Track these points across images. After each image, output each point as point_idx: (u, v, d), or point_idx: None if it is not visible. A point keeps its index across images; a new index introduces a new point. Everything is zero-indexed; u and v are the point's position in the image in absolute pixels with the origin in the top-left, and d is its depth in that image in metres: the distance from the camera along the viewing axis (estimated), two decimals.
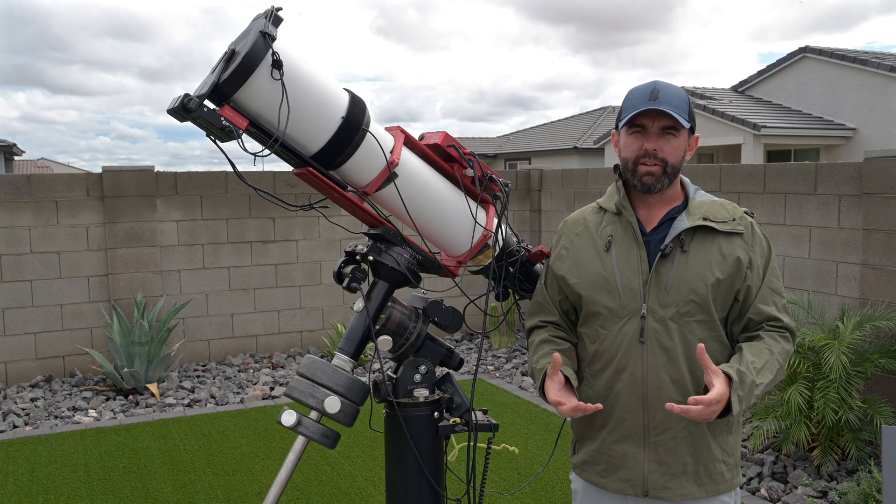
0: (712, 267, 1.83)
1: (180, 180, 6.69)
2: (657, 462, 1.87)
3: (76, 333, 6.40)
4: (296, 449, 1.88)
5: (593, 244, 1.95)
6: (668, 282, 1.84)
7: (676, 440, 1.86)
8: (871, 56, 17.50)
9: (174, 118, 1.66)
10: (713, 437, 1.88)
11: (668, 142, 1.84)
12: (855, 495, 3.64)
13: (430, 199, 1.98)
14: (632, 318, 1.86)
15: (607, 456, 1.93)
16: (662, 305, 1.84)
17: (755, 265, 1.87)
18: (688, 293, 1.83)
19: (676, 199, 1.93)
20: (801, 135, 16.87)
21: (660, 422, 1.86)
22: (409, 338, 2.02)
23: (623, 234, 1.91)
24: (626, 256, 1.89)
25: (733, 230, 1.86)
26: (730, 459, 1.92)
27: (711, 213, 1.88)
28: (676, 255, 1.85)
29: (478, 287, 2.09)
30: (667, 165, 1.84)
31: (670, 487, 1.87)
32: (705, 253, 1.85)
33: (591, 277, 1.92)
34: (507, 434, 4.94)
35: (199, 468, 4.46)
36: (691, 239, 1.86)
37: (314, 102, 1.75)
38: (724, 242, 1.86)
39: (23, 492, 4.15)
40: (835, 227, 4.90)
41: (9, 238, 6.11)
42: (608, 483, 1.93)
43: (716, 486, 1.89)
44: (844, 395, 3.99)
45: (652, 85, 1.84)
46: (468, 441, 2.05)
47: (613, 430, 1.91)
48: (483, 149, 27.95)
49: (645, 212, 1.93)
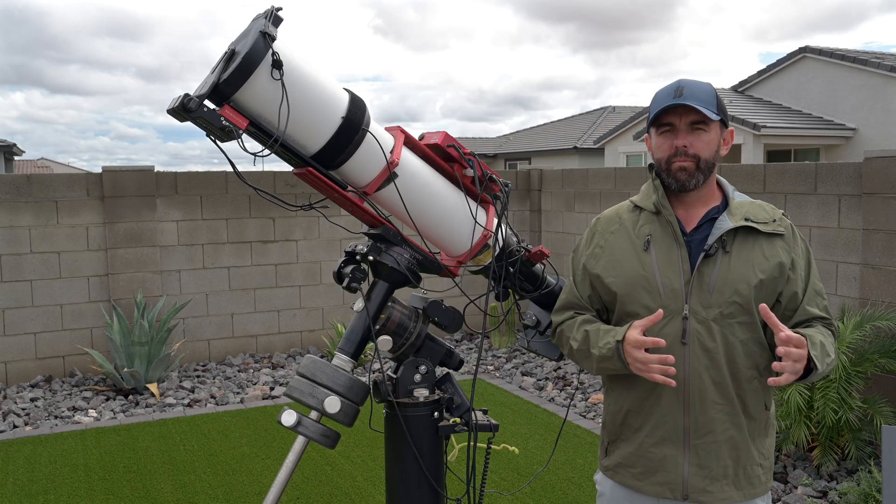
0: (755, 268, 1.82)
1: (180, 180, 6.69)
2: (698, 465, 1.85)
3: (76, 333, 6.40)
4: (296, 449, 1.88)
5: (631, 243, 1.92)
6: (711, 283, 1.82)
7: (718, 443, 1.84)
8: (871, 56, 17.49)
9: (174, 118, 1.66)
10: (752, 439, 1.87)
11: (699, 137, 1.82)
12: (855, 495, 3.64)
13: (430, 199, 1.98)
14: (673, 319, 1.84)
15: (645, 458, 1.90)
16: (705, 306, 1.82)
17: (798, 267, 1.85)
18: (731, 294, 1.81)
19: (715, 200, 1.91)
20: (801, 135, 16.87)
21: (701, 424, 1.84)
22: (409, 338, 2.02)
23: (662, 233, 1.89)
24: (667, 256, 1.86)
25: (775, 231, 1.85)
26: (766, 462, 1.91)
27: (752, 214, 1.86)
28: (719, 255, 1.83)
29: (478, 287, 2.09)
30: (699, 161, 1.82)
31: (711, 491, 1.85)
32: (748, 254, 1.83)
33: (629, 276, 1.89)
34: (507, 434, 4.93)
35: (199, 468, 4.46)
36: (733, 240, 1.84)
37: (314, 102, 1.75)
38: (766, 244, 1.84)
39: (23, 492, 4.15)
40: (835, 227, 4.90)
41: (9, 238, 6.11)
42: (645, 486, 1.90)
43: (753, 489, 1.88)
44: (844, 395, 3.99)
45: (677, 84, 1.84)
46: (468, 441, 2.05)
47: (653, 433, 1.88)
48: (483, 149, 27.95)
49: (683, 212, 1.91)
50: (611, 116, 26.35)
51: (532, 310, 2.25)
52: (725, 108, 1.87)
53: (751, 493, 1.88)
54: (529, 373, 6.55)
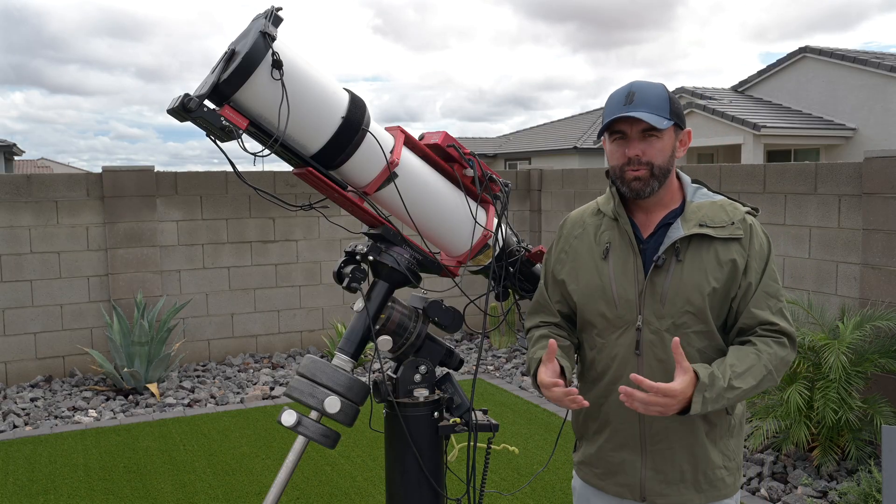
0: (708, 276, 1.76)
1: (180, 180, 6.69)
2: (654, 470, 1.85)
3: (76, 333, 6.40)
4: (296, 449, 1.88)
5: (591, 250, 1.90)
6: (664, 293, 1.78)
7: (673, 449, 1.83)
8: (871, 56, 17.49)
9: (174, 118, 1.66)
10: (713, 443, 1.85)
11: (651, 144, 1.77)
12: (855, 495, 3.64)
13: (431, 199, 1.98)
14: (627, 330, 1.82)
15: (605, 461, 1.92)
16: (658, 317, 1.79)
17: (751, 268, 1.78)
18: (683, 304, 1.77)
19: (674, 202, 1.86)
20: (801, 135, 16.87)
21: (656, 432, 1.84)
22: (409, 338, 2.02)
23: (620, 241, 1.86)
24: (623, 266, 1.84)
25: (731, 235, 1.78)
26: (731, 464, 1.89)
27: (709, 218, 1.80)
28: (672, 264, 1.79)
29: (478, 287, 2.09)
30: (653, 168, 1.78)
31: (667, 494, 1.85)
32: (701, 261, 1.78)
33: (587, 286, 1.88)
34: (507, 434, 4.93)
35: (199, 468, 4.46)
36: (687, 246, 1.79)
37: (314, 102, 1.75)
38: (721, 248, 1.78)
39: (23, 492, 4.15)
40: (835, 227, 4.90)
41: (9, 238, 6.11)
42: (607, 486, 1.93)
43: (717, 491, 1.87)
44: (844, 395, 3.99)
45: (627, 88, 1.79)
46: (468, 441, 2.05)
47: (611, 438, 1.89)
48: (483, 149, 27.94)
49: (643, 216, 1.87)
50: None
51: None
52: (680, 110, 1.81)
53: (714, 495, 1.86)
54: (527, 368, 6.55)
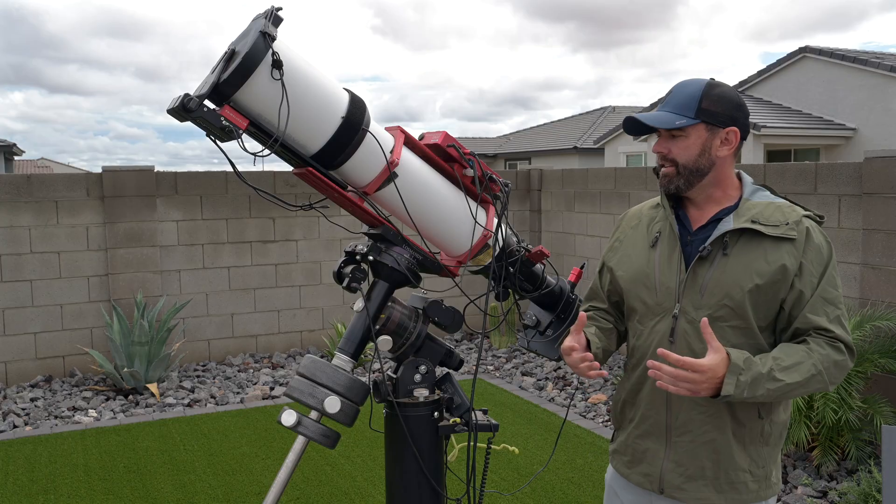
0: (752, 273, 1.76)
1: (180, 180, 6.69)
2: (675, 462, 1.87)
3: (76, 333, 6.40)
4: (296, 449, 1.88)
5: (643, 239, 1.97)
6: (704, 284, 1.81)
7: (695, 444, 1.84)
8: (871, 56, 17.49)
9: (174, 118, 1.66)
10: (742, 445, 1.83)
11: (677, 142, 1.82)
12: (855, 495, 3.64)
13: (430, 198, 1.98)
14: (665, 317, 1.86)
15: (632, 448, 1.97)
16: (696, 307, 1.81)
17: (806, 272, 1.76)
18: (722, 297, 1.78)
19: (728, 200, 1.87)
20: (801, 135, 16.87)
21: (681, 423, 1.85)
22: (409, 338, 2.02)
23: (670, 232, 1.91)
24: (668, 255, 1.89)
25: (784, 235, 1.77)
26: (758, 471, 1.85)
27: (763, 216, 1.79)
28: (717, 257, 1.80)
29: (478, 287, 2.09)
30: (678, 166, 1.82)
31: (685, 489, 1.86)
32: (747, 257, 1.78)
33: (634, 272, 1.95)
34: (507, 434, 4.94)
35: (199, 468, 4.46)
36: (736, 242, 1.79)
37: (314, 102, 1.75)
38: (771, 248, 1.77)
39: (23, 492, 4.15)
40: (835, 227, 4.90)
41: (9, 238, 6.11)
42: (631, 475, 1.97)
43: (737, 494, 1.84)
44: (844, 395, 3.99)
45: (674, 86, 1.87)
46: (468, 441, 2.05)
47: (639, 426, 1.94)
48: (483, 149, 27.95)
49: (695, 210, 1.91)
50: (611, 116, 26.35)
51: (532, 310, 2.26)
52: (720, 108, 1.80)
53: (734, 498, 1.84)
54: (529, 373, 6.55)
